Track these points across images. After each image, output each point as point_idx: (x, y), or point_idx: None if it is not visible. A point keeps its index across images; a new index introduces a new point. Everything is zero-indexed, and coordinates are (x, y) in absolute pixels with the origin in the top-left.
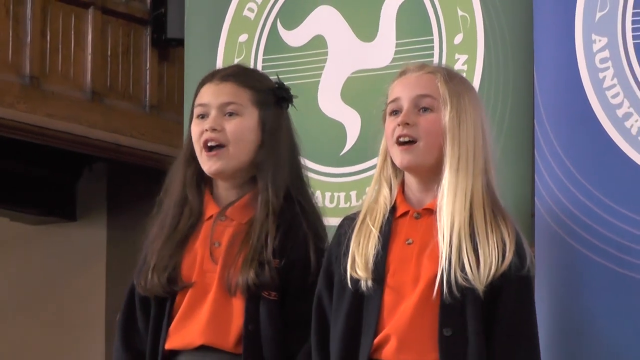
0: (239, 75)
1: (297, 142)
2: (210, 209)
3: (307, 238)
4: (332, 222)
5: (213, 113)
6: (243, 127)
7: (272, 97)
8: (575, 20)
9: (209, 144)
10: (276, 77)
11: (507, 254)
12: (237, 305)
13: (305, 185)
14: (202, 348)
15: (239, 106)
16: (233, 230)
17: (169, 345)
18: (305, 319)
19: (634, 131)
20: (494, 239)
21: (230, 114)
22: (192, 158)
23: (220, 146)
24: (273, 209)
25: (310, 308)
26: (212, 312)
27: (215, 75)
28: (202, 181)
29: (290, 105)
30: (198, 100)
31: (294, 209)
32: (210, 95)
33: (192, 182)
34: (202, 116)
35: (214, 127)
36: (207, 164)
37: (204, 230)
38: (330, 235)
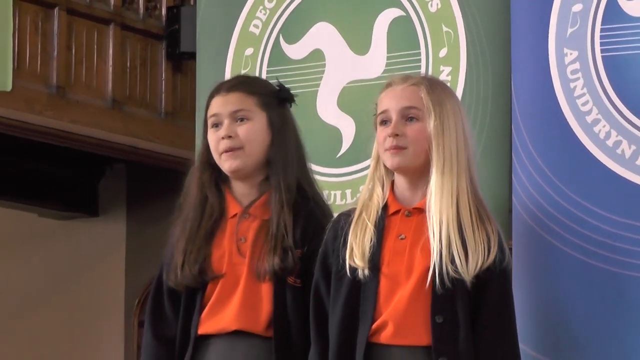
0: (243, 84)
1: (302, 139)
2: (233, 208)
3: (325, 230)
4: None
5: (226, 122)
6: (254, 130)
7: (275, 99)
8: (549, 35)
9: (226, 150)
10: (276, 80)
11: (492, 249)
12: (266, 293)
13: (313, 178)
14: (235, 333)
15: (247, 112)
16: (257, 226)
17: (202, 330)
18: None
19: (601, 135)
20: (480, 234)
21: (241, 120)
22: (208, 164)
23: (236, 149)
24: (287, 200)
25: None
26: (243, 299)
27: (222, 88)
28: (221, 183)
29: (292, 103)
30: (210, 112)
31: (308, 202)
32: (220, 106)
33: (211, 184)
34: (216, 125)
35: (229, 134)
36: (227, 163)
37: (230, 227)
38: None
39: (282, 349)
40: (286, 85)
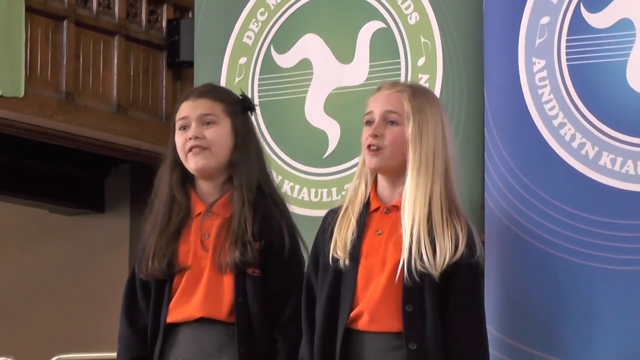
0: (212, 91)
1: (261, 144)
2: (198, 207)
3: (281, 225)
4: (316, 213)
5: (193, 124)
6: (220, 133)
7: (240, 107)
8: (519, 45)
9: (192, 150)
10: (240, 90)
11: (459, 246)
12: (228, 283)
13: (272, 179)
14: (200, 320)
15: (215, 116)
16: (219, 223)
17: (170, 319)
18: (282, 292)
19: (567, 138)
20: (449, 233)
21: (208, 123)
22: (176, 164)
23: (203, 149)
24: (248, 199)
25: (286, 282)
26: (207, 290)
27: (192, 94)
28: (187, 183)
29: (253, 112)
30: (179, 115)
31: (266, 201)
32: (189, 110)
33: (178, 184)
34: (184, 127)
35: (197, 135)
36: (192, 162)
37: (195, 224)
38: (309, 223)
39: (244, 333)
40: (276, 92)
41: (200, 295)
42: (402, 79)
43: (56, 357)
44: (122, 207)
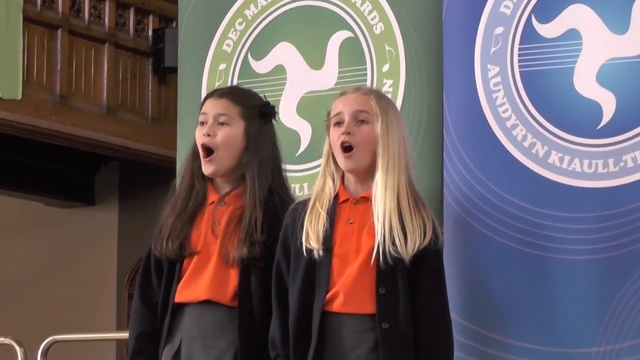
0: (233, 94)
1: (279, 149)
2: (212, 196)
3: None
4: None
5: (210, 121)
6: (231, 135)
7: (257, 112)
8: (475, 53)
9: (204, 147)
10: (265, 98)
11: (427, 233)
12: (233, 270)
13: (285, 181)
14: (205, 302)
15: (229, 118)
16: (230, 212)
17: (178, 299)
18: None
19: (519, 138)
20: (417, 221)
21: (222, 124)
22: (197, 155)
23: (211, 151)
24: (259, 200)
25: None
26: (213, 274)
27: (216, 92)
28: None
29: (272, 119)
30: (202, 110)
31: (274, 200)
32: (209, 107)
33: (199, 174)
34: (203, 123)
35: (209, 132)
36: (204, 168)
37: (208, 212)
38: None
39: (245, 316)
40: (260, 96)
41: (207, 279)
42: (368, 84)
43: (51, 338)
44: (111, 201)
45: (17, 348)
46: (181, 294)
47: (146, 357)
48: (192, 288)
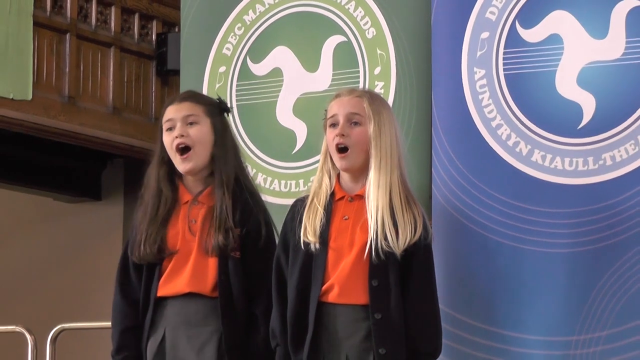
0: (193, 96)
1: (237, 141)
2: (186, 197)
3: (258, 215)
4: (285, 202)
5: (179, 124)
6: (202, 131)
7: (217, 109)
8: (462, 56)
9: (180, 147)
10: (217, 94)
11: (417, 228)
12: (212, 263)
13: (247, 171)
14: (187, 294)
15: (196, 117)
16: (205, 211)
17: (161, 293)
18: (260, 272)
19: (504, 137)
20: (408, 217)
21: (191, 123)
22: (164, 161)
23: (187, 148)
24: (227, 189)
25: (263, 264)
26: (194, 268)
27: (176, 99)
28: (175, 176)
29: (228, 113)
30: (165, 118)
31: (243, 191)
32: (174, 112)
33: (165, 179)
34: (170, 129)
35: (182, 133)
36: (182, 166)
37: (183, 211)
38: (279, 210)
39: (226, 306)
40: (251, 97)
41: (188, 273)
42: (361, 86)
43: (59, 326)
44: (116, 196)
45: (28, 336)
46: (163, 289)
47: (130, 350)
48: (173, 282)
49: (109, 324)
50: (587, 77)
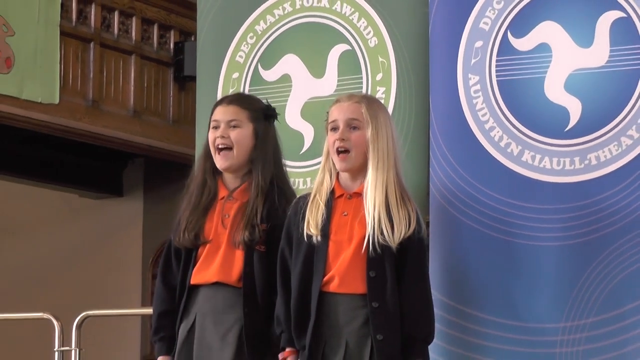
0: (240, 100)
1: (280, 146)
2: (222, 192)
3: (285, 211)
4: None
5: (222, 126)
6: (242, 135)
7: (262, 115)
8: (458, 64)
9: (219, 146)
10: (266, 100)
11: (411, 223)
12: (239, 256)
13: (285, 174)
14: (216, 283)
15: (239, 121)
16: (237, 206)
17: (193, 281)
18: None
19: (496, 139)
20: (403, 213)
21: (234, 127)
22: (208, 155)
23: (227, 148)
24: (262, 190)
25: None
26: (222, 260)
27: (224, 100)
28: (216, 171)
29: (275, 119)
30: (213, 117)
31: (274, 191)
32: (220, 114)
33: (210, 172)
34: (215, 127)
35: (223, 135)
36: (219, 162)
37: (218, 206)
38: None
39: (248, 296)
40: (261, 100)
41: (217, 264)
42: (364, 91)
43: (84, 313)
44: (137, 192)
45: (55, 322)
46: (195, 277)
47: (166, 332)
48: (204, 272)
49: (129, 310)
50: (573, 83)
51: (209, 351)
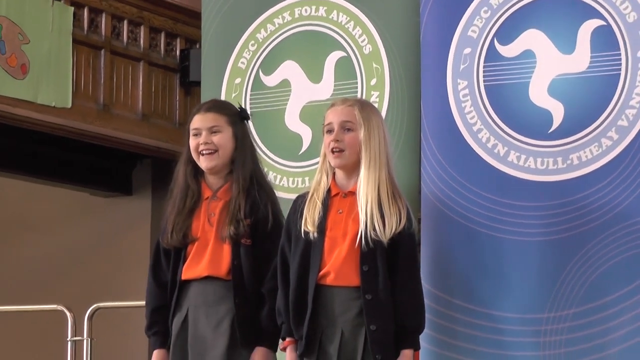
0: (217, 106)
1: (254, 145)
2: (206, 192)
3: (267, 205)
4: (293, 196)
5: (204, 133)
6: (224, 139)
7: (238, 117)
8: (447, 70)
9: (204, 152)
10: (238, 104)
11: (402, 220)
12: (227, 250)
13: (262, 171)
14: (206, 277)
15: (219, 126)
16: (222, 205)
17: (184, 277)
18: (266, 255)
19: (484, 140)
20: (394, 210)
21: (215, 132)
22: (190, 161)
23: (212, 152)
24: (243, 188)
25: (269, 249)
26: (211, 255)
27: (201, 108)
28: (198, 174)
29: (248, 120)
30: (192, 125)
31: (255, 187)
32: (200, 122)
33: (192, 175)
34: (196, 135)
35: (207, 141)
36: (205, 163)
37: (204, 206)
38: (287, 204)
39: (238, 287)
40: (263, 105)
41: (207, 259)
42: (359, 95)
43: (95, 305)
44: (145, 192)
45: (68, 313)
46: (186, 273)
47: (160, 326)
48: (195, 268)
49: (138, 303)
50: (556, 88)
51: (203, 342)
